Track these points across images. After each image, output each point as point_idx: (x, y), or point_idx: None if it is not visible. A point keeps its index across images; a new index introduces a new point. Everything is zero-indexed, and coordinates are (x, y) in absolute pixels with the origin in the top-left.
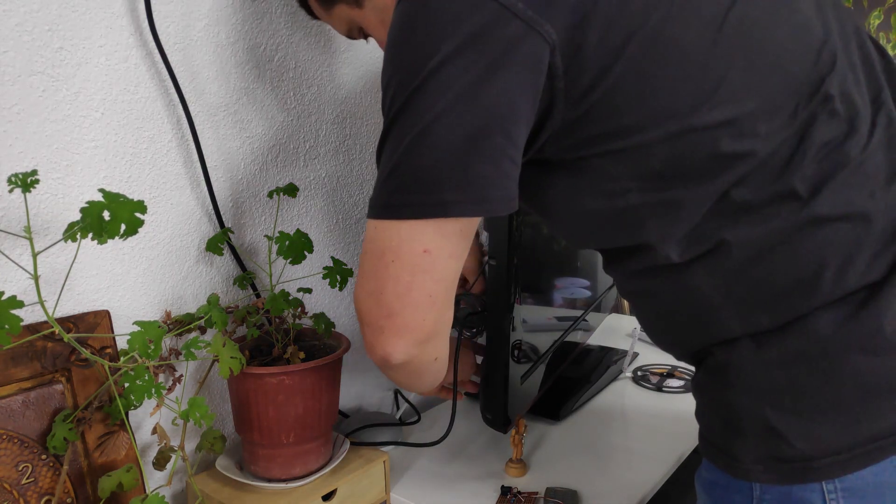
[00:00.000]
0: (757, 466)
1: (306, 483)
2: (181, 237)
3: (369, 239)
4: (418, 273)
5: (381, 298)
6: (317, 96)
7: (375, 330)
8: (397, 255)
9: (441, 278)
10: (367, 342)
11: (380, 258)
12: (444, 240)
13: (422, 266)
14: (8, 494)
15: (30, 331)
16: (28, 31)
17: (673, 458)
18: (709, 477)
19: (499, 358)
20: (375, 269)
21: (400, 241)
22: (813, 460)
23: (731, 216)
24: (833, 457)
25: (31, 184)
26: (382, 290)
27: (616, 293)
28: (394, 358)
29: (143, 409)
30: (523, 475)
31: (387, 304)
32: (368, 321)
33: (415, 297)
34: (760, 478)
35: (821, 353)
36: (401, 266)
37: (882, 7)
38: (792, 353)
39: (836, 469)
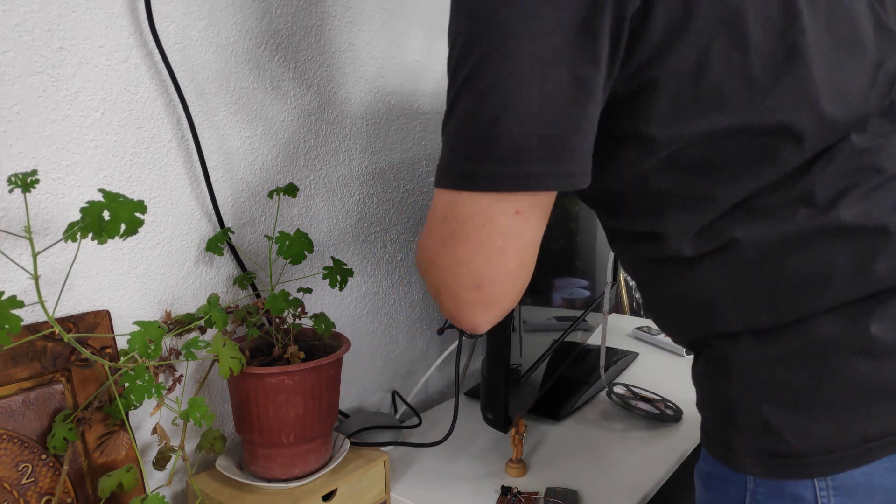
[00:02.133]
0: (751, 460)
1: (306, 483)
2: (181, 237)
3: (450, 205)
4: (511, 237)
5: (470, 267)
6: (317, 96)
7: (463, 303)
8: (487, 220)
9: (530, 242)
10: (451, 314)
11: (466, 223)
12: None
13: (515, 229)
14: (8, 494)
15: (30, 331)
16: (28, 31)
17: (673, 458)
18: (706, 468)
19: (499, 358)
20: (462, 236)
21: (493, 207)
22: (805, 457)
23: (746, 216)
24: (825, 455)
25: (32, 184)
26: (473, 258)
27: (616, 293)
28: (481, 329)
29: (143, 409)
30: (523, 475)
31: (476, 272)
32: (454, 294)
33: (507, 264)
34: (754, 471)
35: (821, 354)
36: (492, 230)
37: None
38: (793, 351)
39: (827, 467)
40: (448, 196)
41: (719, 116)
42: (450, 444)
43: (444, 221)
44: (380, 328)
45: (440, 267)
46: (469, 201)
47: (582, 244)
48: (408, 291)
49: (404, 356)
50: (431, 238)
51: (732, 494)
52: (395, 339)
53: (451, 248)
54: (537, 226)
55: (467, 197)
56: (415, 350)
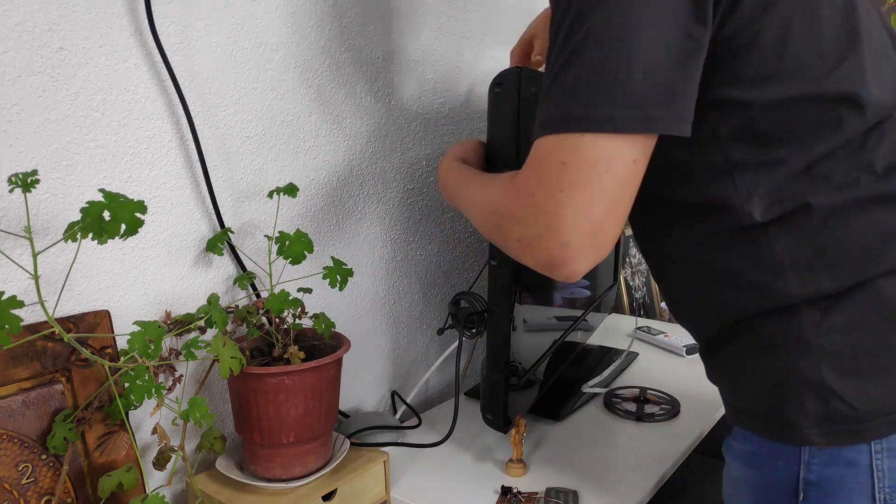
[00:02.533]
0: (814, 430)
1: (306, 483)
2: (181, 237)
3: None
4: (626, 185)
5: (589, 213)
6: (317, 96)
7: (573, 248)
8: (611, 167)
9: (635, 190)
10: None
11: (591, 169)
12: (645, 153)
13: (630, 177)
14: (8, 494)
15: (30, 331)
16: (28, 31)
17: (674, 458)
18: (746, 447)
19: (499, 358)
20: (586, 181)
21: (614, 151)
22: (866, 421)
23: (813, 182)
24: (884, 417)
25: (32, 184)
26: (592, 204)
27: (615, 293)
28: (579, 276)
29: (143, 409)
30: (523, 475)
31: (594, 218)
32: (565, 239)
33: (620, 210)
34: (817, 440)
35: (881, 317)
36: (614, 178)
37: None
38: (855, 317)
39: (886, 429)
40: (568, 141)
41: (795, 84)
42: (450, 444)
43: (563, 167)
44: (380, 328)
45: (552, 213)
46: (593, 145)
47: None
48: (408, 291)
49: (404, 356)
50: (542, 184)
51: (782, 469)
52: (395, 339)
53: (572, 194)
54: (641, 175)
55: (591, 140)
56: (415, 350)
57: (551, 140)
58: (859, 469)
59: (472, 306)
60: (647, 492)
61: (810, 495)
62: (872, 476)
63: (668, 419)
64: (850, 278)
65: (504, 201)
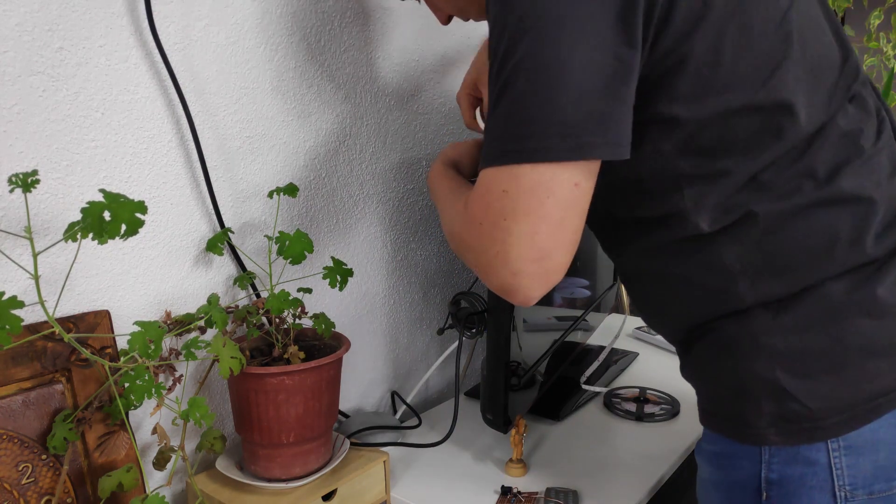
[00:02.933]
0: (770, 429)
1: (306, 483)
2: (181, 237)
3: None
4: (570, 208)
5: (534, 239)
6: (317, 96)
7: (523, 276)
8: (551, 192)
9: (583, 212)
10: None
11: (531, 195)
12: (587, 177)
13: (573, 201)
14: (8, 494)
15: (30, 331)
16: (28, 31)
17: (673, 458)
18: (713, 448)
19: (499, 358)
20: (527, 207)
21: (552, 176)
22: (820, 420)
23: (759, 190)
24: (839, 415)
25: (32, 184)
26: (536, 231)
27: (615, 293)
28: (534, 301)
29: (143, 409)
30: (523, 475)
31: (539, 245)
32: (516, 268)
33: (566, 235)
34: (773, 440)
35: (830, 318)
36: (555, 202)
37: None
38: (805, 319)
39: (842, 427)
40: (507, 171)
41: (732, 96)
42: (450, 444)
43: (504, 195)
44: (380, 328)
45: (500, 241)
46: (532, 173)
47: (582, 244)
48: (408, 291)
49: (404, 356)
50: (488, 213)
51: (746, 469)
52: (395, 339)
53: (514, 222)
54: (588, 198)
55: (529, 169)
56: (415, 350)
57: (492, 171)
58: (818, 467)
59: (472, 306)
60: (647, 492)
61: (773, 494)
62: (832, 474)
63: (668, 419)
64: (798, 283)
65: (459, 228)
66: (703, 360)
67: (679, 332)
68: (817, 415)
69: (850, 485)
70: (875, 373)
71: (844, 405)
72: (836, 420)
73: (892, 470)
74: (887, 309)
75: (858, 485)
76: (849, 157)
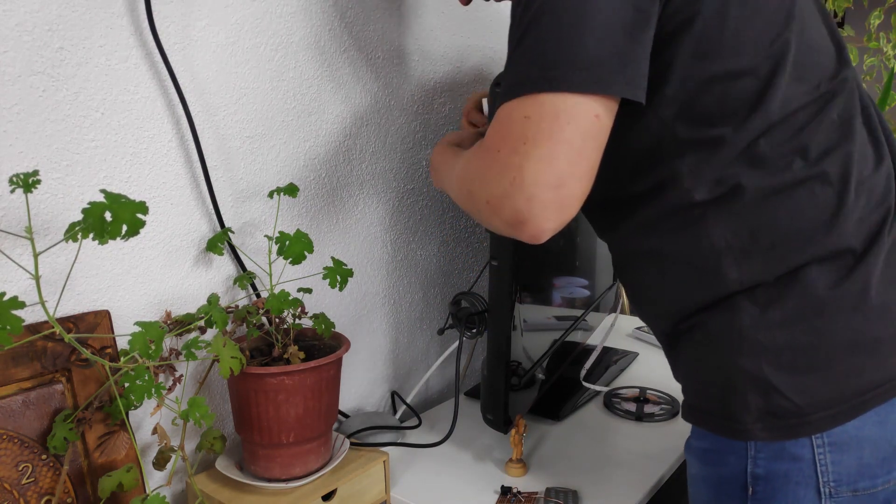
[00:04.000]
0: (756, 424)
1: (306, 483)
2: (181, 237)
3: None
4: (589, 139)
5: (553, 164)
6: (317, 96)
7: (537, 203)
8: (572, 118)
9: (600, 147)
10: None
11: (553, 119)
12: (607, 113)
13: (592, 132)
14: (8, 494)
15: (30, 331)
16: (28, 31)
17: (673, 458)
18: (700, 444)
19: (500, 358)
20: (549, 131)
21: (574, 105)
22: (806, 415)
23: (751, 162)
24: (824, 411)
25: (33, 184)
26: (555, 155)
27: (615, 293)
28: (545, 236)
29: (143, 409)
30: (523, 475)
31: (557, 170)
32: (530, 193)
33: (584, 164)
34: (760, 435)
35: (816, 312)
36: (576, 128)
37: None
38: (791, 314)
39: (826, 422)
40: (530, 98)
41: (734, 59)
42: (450, 444)
43: (526, 121)
44: (380, 328)
45: (516, 167)
46: (555, 100)
47: (582, 244)
48: (408, 291)
49: (404, 356)
50: (506, 140)
51: (733, 464)
52: (395, 339)
53: (534, 146)
54: (606, 135)
55: (552, 96)
56: (415, 350)
57: (513, 102)
58: (803, 463)
59: (472, 306)
60: (647, 492)
61: (758, 489)
62: (816, 470)
63: (668, 419)
64: (780, 265)
65: (473, 164)
66: (690, 356)
67: (665, 324)
68: (803, 410)
69: (835, 481)
70: (860, 368)
71: (830, 401)
72: (821, 415)
73: (876, 467)
74: (872, 304)
75: (843, 481)
76: (839, 142)
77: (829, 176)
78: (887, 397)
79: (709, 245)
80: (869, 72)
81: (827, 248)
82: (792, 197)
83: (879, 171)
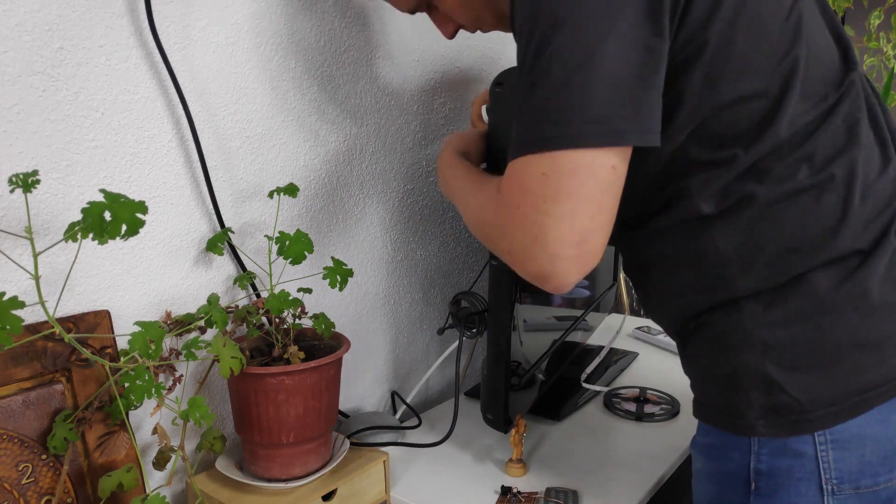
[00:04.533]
0: (760, 421)
1: (306, 483)
2: (181, 237)
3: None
4: (607, 191)
5: (574, 222)
6: (317, 96)
7: (561, 260)
8: (591, 173)
9: (618, 196)
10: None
11: (572, 177)
12: (622, 161)
13: (609, 183)
14: (8, 494)
15: (30, 331)
16: (28, 31)
17: (674, 458)
18: (705, 440)
19: (500, 358)
20: (568, 189)
21: (591, 160)
22: (808, 412)
23: (758, 175)
24: (826, 408)
25: (33, 184)
26: (576, 213)
27: (615, 292)
28: (569, 287)
29: (143, 409)
30: (523, 475)
31: (579, 227)
32: (554, 251)
33: (604, 217)
34: (762, 431)
35: (819, 311)
36: (595, 184)
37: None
38: (794, 311)
39: (829, 420)
40: (547, 156)
41: (745, 83)
42: (450, 444)
43: (544, 178)
44: (380, 328)
45: (538, 224)
46: (572, 156)
47: None
48: (408, 291)
49: (404, 356)
50: (526, 197)
51: (736, 460)
52: (395, 339)
53: (555, 205)
54: (622, 182)
55: (570, 153)
56: (415, 350)
57: (528, 158)
58: (806, 460)
59: (472, 306)
60: (647, 492)
61: (761, 485)
62: (819, 467)
63: (668, 419)
64: (786, 272)
65: (492, 213)
66: (698, 354)
67: (675, 324)
68: (806, 407)
69: (837, 478)
70: (862, 367)
71: (832, 398)
72: (823, 413)
73: (878, 465)
74: (874, 304)
75: (845, 479)
76: (845, 146)
77: (835, 181)
78: (889, 396)
79: (715, 254)
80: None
81: (832, 253)
82: (797, 204)
83: (886, 174)
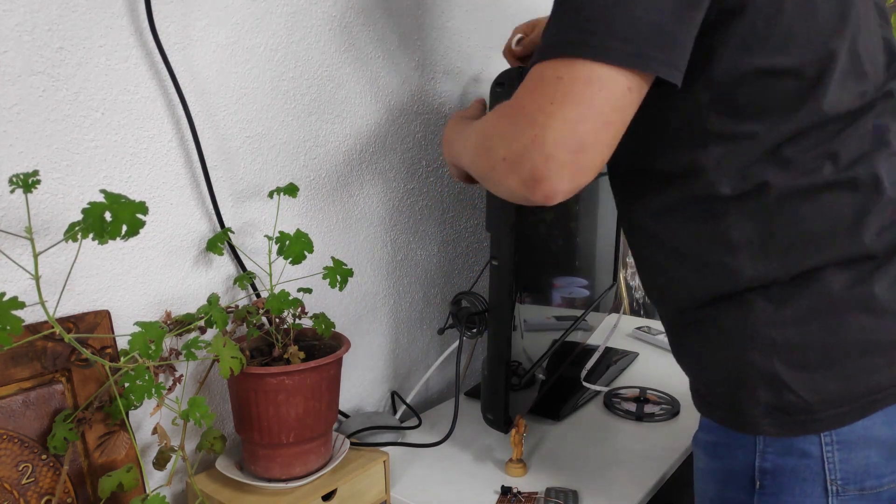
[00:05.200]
0: (765, 419)
1: (306, 483)
2: (181, 237)
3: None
4: (618, 110)
5: (577, 128)
6: (317, 96)
7: (555, 163)
8: (605, 87)
9: (627, 121)
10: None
11: (586, 85)
12: (640, 87)
13: (622, 104)
14: (8, 494)
15: (30, 331)
16: (28, 31)
17: (674, 458)
18: (708, 438)
19: (500, 358)
20: (580, 95)
21: (609, 75)
22: (815, 412)
23: (781, 162)
24: (834, 409)
25: (33, 184)
26: (582, 120)
27: (615, 292)
28: (557, 199)
29: (143, 409)
30: (523, 475)
31: (580, 135)
32: (549, 152)
33: (608, 134)
34: (768, 430)
35: (829, 311)
36: (607, 98)
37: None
38: (804, 312)
39: (836, 421)
40: (566, 61)
41: (782, 56)
42: (450, 444)
43: (558, 80)
44: (380, 328)
45: (539, 125)
46: (590, 66)
47: (582, 244)
48: (408, 291)
49: (404, 356)
50: (534, 97)
51: (740, 458)
52: (395, 339)
53: (562, 107)
54: (634, 109)
55: (588, 63)
56: (415, 350)
57: (547, 63)
58: (811, 460)
59: (472, 306)
60: (647, 491)
61: (766, 484)
62: (824, 467)
63: (668, 419)
64: (797, 265)
65: (495, 122)
66: (701, 348)
67: (676, 310)
68: (814, 407)
69: (842, 479)
70: (871, 370)
71: (840, 399)
72: (830, 414)
73: (883, 467)
74: (885, 307)
75: (850, 480)
76: (872, 150)
77: (858, 183)
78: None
79: (727, 240)
80: None
81: (846, 254)
82: (818, 200)
83: None
